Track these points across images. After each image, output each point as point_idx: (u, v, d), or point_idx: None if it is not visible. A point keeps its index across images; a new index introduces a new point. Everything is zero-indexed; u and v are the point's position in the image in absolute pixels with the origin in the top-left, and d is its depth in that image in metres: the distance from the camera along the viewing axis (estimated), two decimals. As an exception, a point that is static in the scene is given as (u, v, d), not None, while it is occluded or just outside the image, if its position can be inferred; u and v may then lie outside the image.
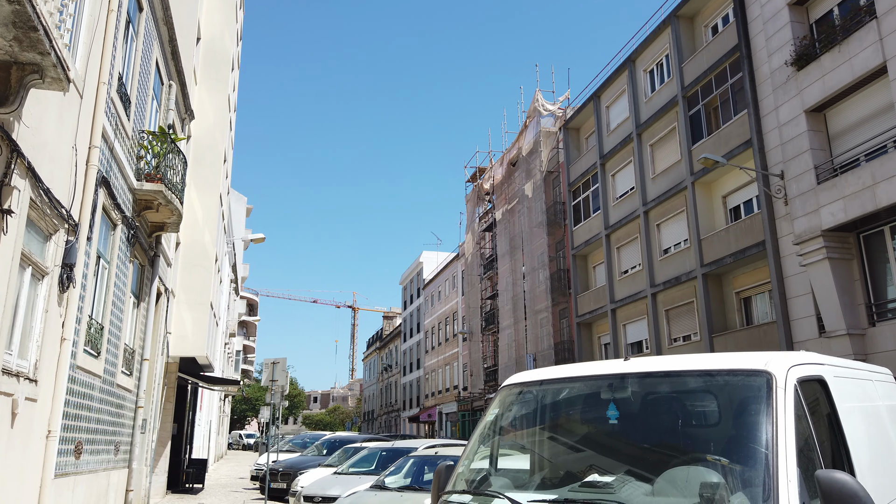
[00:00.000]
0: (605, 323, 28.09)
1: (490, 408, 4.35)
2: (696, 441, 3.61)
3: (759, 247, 19.03)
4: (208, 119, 17.97)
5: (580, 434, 3.97)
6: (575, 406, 4.08)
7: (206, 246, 17.18)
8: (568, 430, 4.05)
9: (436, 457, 10.10)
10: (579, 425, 4.02)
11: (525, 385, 4.29)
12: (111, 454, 10.60)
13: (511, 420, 4.29)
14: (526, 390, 4.28)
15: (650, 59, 25.79)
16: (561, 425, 4.09)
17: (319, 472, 14.62)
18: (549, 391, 4.16)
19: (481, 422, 4.32)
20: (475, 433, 4.30)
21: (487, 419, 4.30)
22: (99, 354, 9.42)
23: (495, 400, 4.39)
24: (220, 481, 23.97)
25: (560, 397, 4.11)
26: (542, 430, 4.16)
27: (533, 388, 4.24)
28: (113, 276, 9.92)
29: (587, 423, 3.98)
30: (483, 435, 4.28)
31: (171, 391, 17.13)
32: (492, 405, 4.37)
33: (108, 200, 9.28)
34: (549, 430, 4.13)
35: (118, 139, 9.65)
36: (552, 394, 4.15)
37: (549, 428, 4.13)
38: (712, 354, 3.79)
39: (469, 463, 4.18)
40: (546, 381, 4.17)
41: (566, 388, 4.09)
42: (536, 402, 4.22)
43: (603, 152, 28.42)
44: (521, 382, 4.32)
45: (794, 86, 17.44)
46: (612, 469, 3.66)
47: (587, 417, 4.00)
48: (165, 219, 12.17)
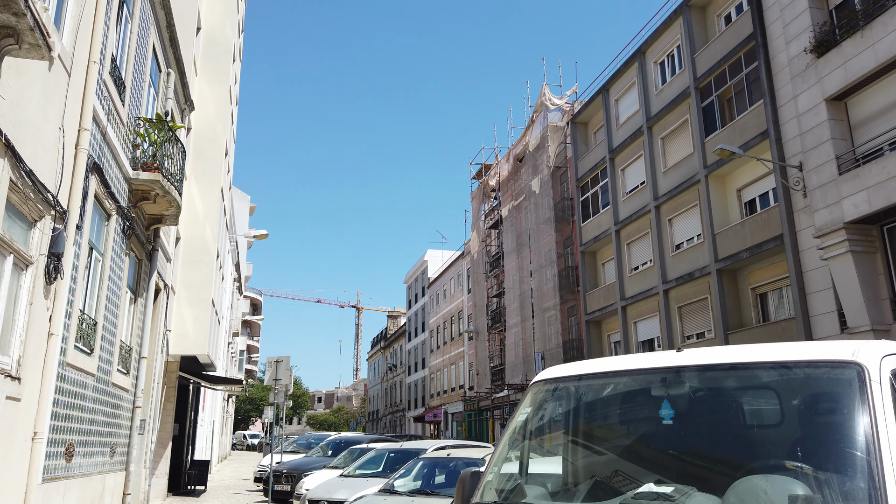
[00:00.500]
0: (616, 321, 27.53)
1: (520, 406, 3.83)
2: (771, 445, 3.08)
3: (776, 241, 18.45)
4: (209, 111, 17.48)
5: (628, 437, 3.44)
6: (620, 404, 3.54)
7: (207, 241, 16.68)
8: (613, 433, 3.52)
9: (448, 459, 9.58)
10: (626, 427, 3.49)
11: (560, 381, 3.75)
12: (106, 456, 10.10)
13: (545, 420, 3.76)
14: (561, 386, 3.74)
15: (661, 50, 25.21)
16: (604, 426, 3.56)
17: (325, 474, 14.12)
18: (590, 387, 3.63)
19: (511, 422, 3.79)
20: (504, 435, 3.77)
21: (518, 419, 3.78)
22: (92, 351, 8.93)
23: (526, 397, 3.86)
24: (223, 483, 23.49)
25: (603, 394, 3.58)
26: (582, 431, 3.63)
27: (570, 383, 3.71)
28: (107, 270, 9.42)
29: (636, 423, 3.45)
30: (513, 437, 3.75)
31: (172, 391, 16.65)
32: (522, 403, 3.84)
33: (101, 189, 8.78)
34: (591, 431, 3.59)
35: (112, 124, 9.15)
36: (593, 390, 3.62)
37: (591, 429, 3.60)
38: (785, 344, 3.25)
39: (498, 469, 3.65)
40: (586, 376, 3.64)
41: (610, 383, 3.56)
42: (574, 399, 3.69)
43: (612, 146, 27.86)
44: (555, 378, 3.78)
45: (813, 74, 16.86)
46: (669, 478, 3.13)
47: (636, 417, 3.46)
48: (163, 211, 11.67)
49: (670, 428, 3.28)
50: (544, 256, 33.06)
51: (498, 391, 38.03)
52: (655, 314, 24.50)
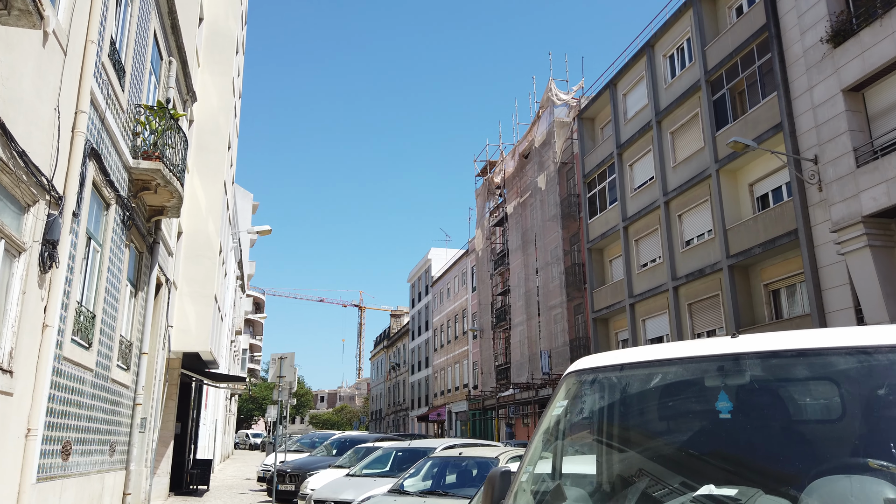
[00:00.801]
0: (623, 318, 27.15)
1: (554, 400, 3.46)
2: (850, 441, 2.71)
3: (790, 236, 18.06)
4: (212, 103, 17.14)
5: (679, 433, 3.07)
6: (669, 396, 3.17)
7: (209, 236, 16.35)
8: (661, 428, 3.15)
9: (460, 458, 9.22)
10: (677, 422, 3.12)
11: (599, 371, 3.38)
12: (106, 455, 9.76)
13: (584, 415, 3.39)
14: (601, 377, 3.37)
15: (670, 43, 24.82)
16: (651, 421, 3.19)
17: (330, 473, 13.77)
18: (633, 378, 3.26)
19: (545, 418, 3.43)
20: (538, 432, 3.40)
21: (552, 414, 3.41)
22: (90, 346, 8.59)
23: (560, 390, 3.49)
24: (225, 482, 23.17)
25: (648, 385, 3.21)
26: (626, 427, 3.26)
27: (610, 374, 3.34)
28: (106, 261, 9.08)
29: (688, 418, 3.08)
30: (548, 434, 3.39)
31: (174, 388, 16.31)
32: (556, 396, 3.47)
33: (100, 176, 8.43)
34: (635, 427, 3.23)
35: (111, 110, 8.81)
36: (638, 381, 3.25)
37: (635, 425, 3.23)
38: (861, 328, 2.88)
39: (533, 469, 3.29)
40: (628, 366, 3.28)
41: (656, 373, 3.19)
42: (616, 391, 3.32)
43: (620, 142, 27.48)
44: (593, 368, 3.41)
45: (829, 64, 16.46)
46: (731, 479, 2.77)
47: (687, 411, 3.10)
48: (165, 202, 11.33)
49: (728, 422, 2.91)
50: (550, 254, 32.68)
51: (503, 390, 37.66)
52: (664, 311, 24.11)
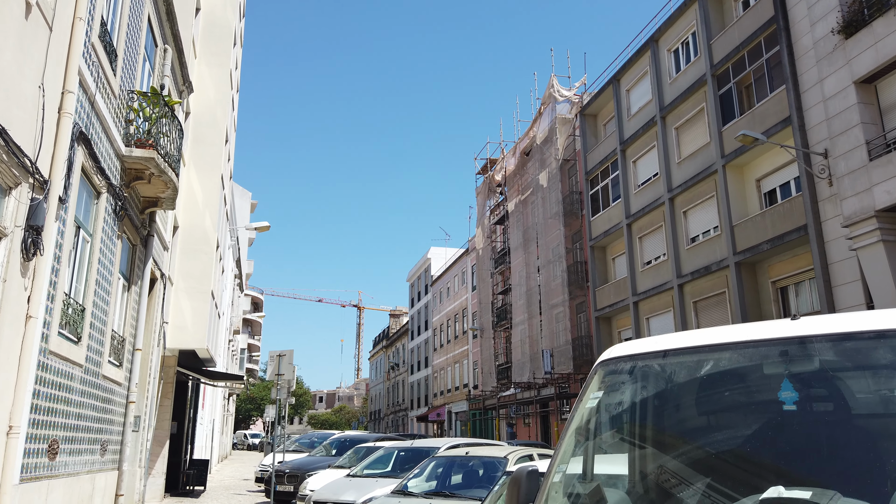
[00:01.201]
0: (627, 317, 26.77)
1: (587, 391, 3.08)
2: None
3: (799, 231, 17.70)
4: (209, 95, 16.75)
5: (737, 427, 2.69)
6: (724, 386, 2.79)
7: (206, 230, 15.96)
8: (716, 422, 2.77)
9: (467, 458, 8.83)
10: (734, 414, 2.74)
11: (639, 358, 3.00)
12: (97, 454, 9.37)
13: (622, 408, 3.00)
14: (641, 365, 2.99)
15: (675, 37, 24.46)
16: (704, 414, 2.81)
17: (330, 473, 13.38)
18: (680, 365, 2.88)
19: (576, 413, 3.04)
20: (569, 428, 3.02)
21: (585, 408, 3.03)
22: (80, 340, 8.19)
23: (593, 380, 3.11)
24: (223, 483, 22.77)
25: (700, 373, 2.83)
26: (674, 421, 2.87)
27: (652, 361, 2.96)
28: (97, 252, 8.69)
29: (747, 410, 2.70)
30: (581, 431, 3.00)
31: (170, 386, 15.92)
32: (589, 388, 3.09)
33: (89, 162, 8.04)
34: (685, 421, 2.84)
35: (101, 93, 8.42)
36: (685, 369, 2.86)
37: (685, 419, 2.85)
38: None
39: (566, 468, 2.91)
40: (674, 352, 2.89)
41: (707, 360, 2.81)
42: (659, 381, 2.94)
43: (623, 138, 27.11)
44: (633, 355, 3.03)
45: (841, 56, 16.10)
46: (800, 479, 2.40)
47: (746, 402, 2.72)
48: (159, 193, 10.94)
49: (793, 415, 2.54)
50: (552, 252, 32.31)
51: (504, 390, 37.28)
52: (669, 309, 23.74)
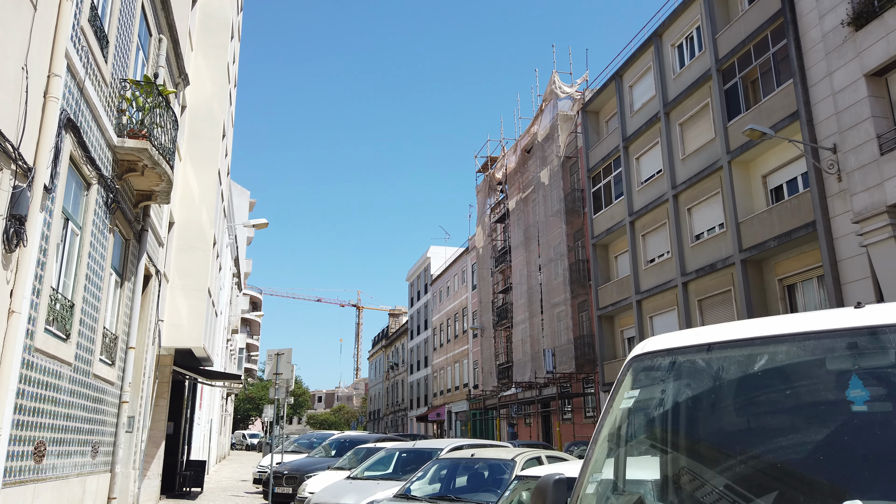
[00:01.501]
0: (630, 315, 26.45)
1: (619, 391, 2.74)
2: None
3: (807, 228, 17.38)
4: (205, 89, 16.40)
5: (798, 430, 2.35)
6: (782, 384, 2.45)
7: (203, 226, 15.61)
8: (774, 424, 2.42)
9: (472, 460, 8.49)
10: (794, 415, 2.39)
11: (679, 353, 2.66)
12: (87, 456, 9.03)
13: (664, 408, 2.66)
14: (682, 360, 2.65)
15: (678, 32, 24.14)
16: (759, 415, 2.47)
17: (329, 475, 13.04)
18: (729, 360, 2.54)
19: (609, 414, 2.71)
20: (602, 431, 2.69)
21: (619, 409, 2.69)
22: (68, 337, 7.85)
23: (626, 378, 2.77)
24: (220, 484, 22.42)
25: (753, 369, 2.49)
26: (725, 425, 2.53)
27: (695, 356, 2.62)
28: (87, 246, 8.34)
29: (809, 410, 2.36)
30: (616, 434, 2.67)
31: (165, 386, 15.57)
32: (622, 386, 2.75)
33: (78, 151, 7.70)
34: (737, 425, 2.50)
35: (91, 80, 8.08)
36: (736, 364, 2.52)
37: (737, 422, 2.51)
38: None
39: (599, 476, 2.57)
40: (720, 345, 2.56)
41: (761, 353, 2.47)
42: (706, 377, 2.60)
43: (626, 134, 26.79)
44: (670, 349, 2.69)
45: (851, 48, 15.78)
46: (879, 491, 2.06)
47: (808, 402, 2.38)
48: (153, 186, 10.60)
49: (865, 416, 2.20)
50: (553, 250, 31.99)
51: (504, 389, 36.95)
52: (673, 308, 23.42)
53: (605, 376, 27.11)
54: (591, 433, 28.79)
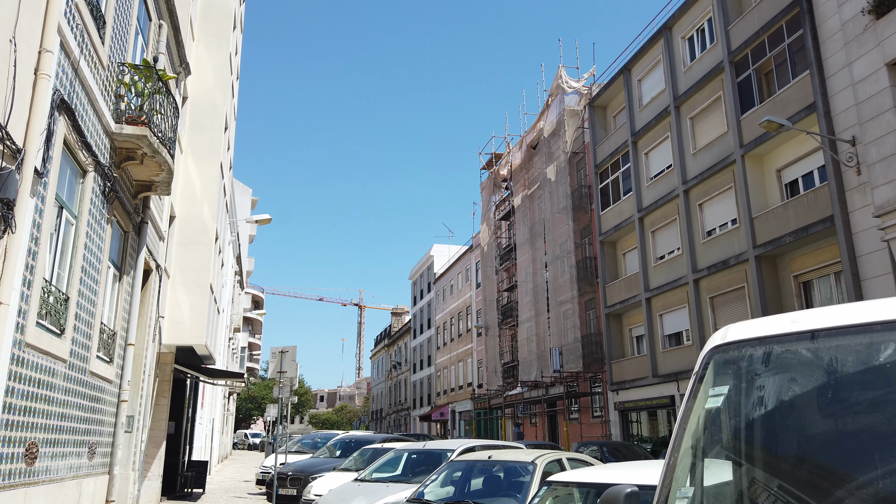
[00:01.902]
0: (638, 313, 26.00)
1: (700, 389, 2.30)
2: None
3: (825, 223, 16.92)
4: (207, 79, 15.98)
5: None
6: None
7: (205, 221, 15.19)
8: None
9: (488, 462, 8.04)
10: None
11: (776, 342, 2.22)
12: (84, 458, 8.60)
13: (764, 408, 2.21)
14: (782, 351, 2.21)
15: (689, 24, 23.68)
16: (886, 416, 2.02)
17: (335, 477, 12.62)
18: (843, 351, 2.09)
19: (691, 417, 2.26)
20: (681, 436, 2.24)
21: (704, 409, 2.25)
22: (63, 332, 7.43)
23: (707, 372, 2.33)
24: (223, 485, 22.01)
25: (874, 362, 2.05)
26: (850, 428, 2.08)
27: (798, 345, 2.18)
28: (82, 236, 7.92)
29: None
30: (701, 439, 2.22)
31: (166, 385, 15.16)
32: (703, 383, 2.31)
33: (73, 135, 7.27)
34: (865, 429, 2.05)
35: (87, 60, 7.65)
36: (854, 355, 2.08)
37: (864, 425, 2.06)
38: None
39: (687, 492, 2.13)
40: (830, 332, 2.12)
41: (885, 342, 2.03)
42: (817, 372, 2.15)
43: (635, 129, 26.33)
44: (764, 337, 2.25)
45: (871, 37, 15.32)
46: None
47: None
48: (153, 176, 10.18)
49: None
50: (560, 247, 31.52)
51: (510, 389, 36.51)
52: (684, 305, 22.97)
53: (613, 375, 26.66)
54: (598, 433, 28.34)
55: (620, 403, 26.28)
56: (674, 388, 22.96)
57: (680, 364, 22.69)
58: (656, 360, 24.11)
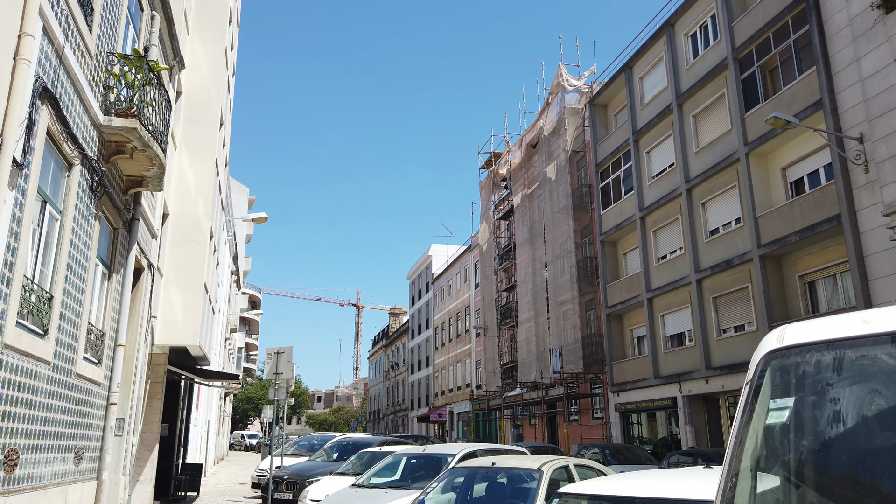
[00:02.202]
0: (640, 314, 25.70)
1: (759, 399, 1.96)
2: None
3: (832, 222, 16.62)
4: (202, 74, 15.62)
5: None
6: None
7: (199, 218, 14.83)
8: None
9: (492, 469, 7.70)
10: None
11: (848, 345, 1.90)
12: (70, 464, 8.25)
13: (838, 427, 1.87)
14: (857, 357, 1.88)
15: (692, 21, 23.37)
16: None
17: (332, 481, 12.27)
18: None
19: (749, 432, 1.93)
20: (742, 455, 1.91)
21: (766, 424, 1.91)
22: (46, 333, 7.08)
23: (764, 382, 2.00)
24: (217, 488, 21.64)
25: None
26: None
27: (878, 350, 1.84)
28: (68, 232, 7.56)
29: None
30: (762, 458, 1.89)
31: (159, 386, 14.79)
32: (761, 394, 1.98)
33: (58, 126, 6.93)
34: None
35: (73, 49, 7.30)
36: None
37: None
38: None
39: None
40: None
41: None
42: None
43: (636, 128, 26.02)
44: (829, 341, 1.92)
45: (881, 32, 15.03)
46: None
47: None
48: (144, 171, 9.83)
49: None
50: (560, 247, 31.21)
51: (509, 390, 36.18)
52: (686, 306, 22.66)
53: (614, 376, 26.35)
54: (598, 435, 28.03)
55: (621, 405, 25.97)
56: (676, 390, 22.65)
57: (682, 365, 22.39)
58: (658, 361, 23.80)
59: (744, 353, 19.57)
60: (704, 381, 21.24)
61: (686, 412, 22.17)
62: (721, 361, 20.56)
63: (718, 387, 20.66)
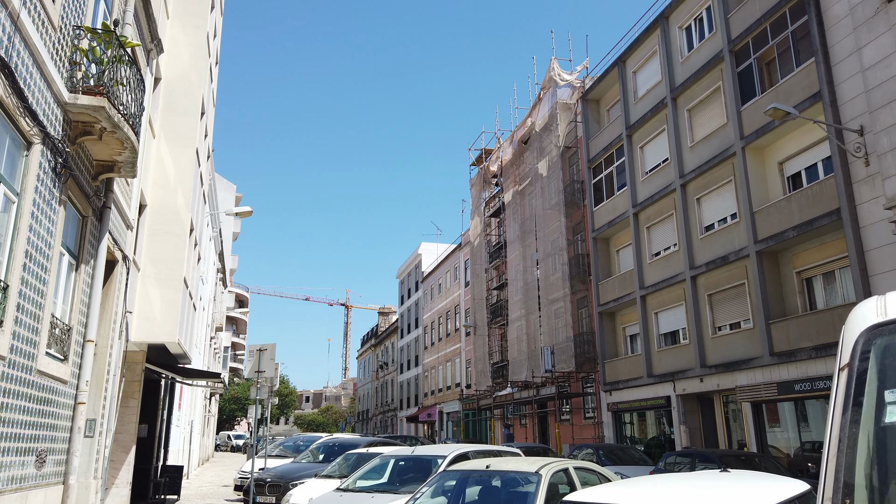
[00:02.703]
0: (633, 312, 25.28)
1: (864, 391, 1.44)
2: None
3: (831, 216, 16.24)
4: (182, 60, 15.00)
5: None
6: None
7: (178, 210, 14.21)
8: None
9: (486, 472, 7.17)
10: None
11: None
12: (30, 468, 7.64)
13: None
14: None
15: (687, 13, 22.98)
16: None
17: (316, 484, 11.71)
18: None
19: (860, 432, 1.40)
20: (855, 461, 1.38)
21: (885, 422, 1.38)
22: (1, 325, 6.47)
23: (869, 367, 1.47)
24: (200, 490, 20.99)
25: None
26: None
27: None
28: (26, 216, 6.97)
29: None
30: (888, 467, 1.37)
31: (136, 385, 14.16)
32: (866, 381, 1.45)
33: (13, 100, 6.34)
34: None
35: (31, 16, 6.71)
36: None
37: None
38: None
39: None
40: None
41: None
42: None
43: (629, 123, 25.61)
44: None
45: (883, 20, 14.65)
46: None
47: None
48: (115, 155, 9.23)
49: None
50: (551, 244, 30.76)
51: (499, 389, 35.69)
52: (681, 303, 22.26)
53: (607, 375, 25.92)
54: (590, 434, 27.58)
55: (614, 404, 25.54)
56: (670, 389, 22.24)
57: (676, 364, 21.98)
58: (651, 360, 23.39)
59: (739, 351, 19.17)
60: (699, 379, 20.84)
61: (680, 411, 21.77)
62: (716, 360, 20.16)
63: (713, 385, 20.26)
